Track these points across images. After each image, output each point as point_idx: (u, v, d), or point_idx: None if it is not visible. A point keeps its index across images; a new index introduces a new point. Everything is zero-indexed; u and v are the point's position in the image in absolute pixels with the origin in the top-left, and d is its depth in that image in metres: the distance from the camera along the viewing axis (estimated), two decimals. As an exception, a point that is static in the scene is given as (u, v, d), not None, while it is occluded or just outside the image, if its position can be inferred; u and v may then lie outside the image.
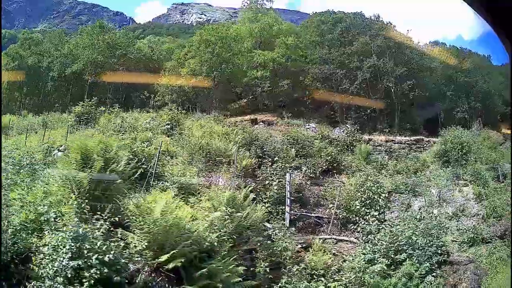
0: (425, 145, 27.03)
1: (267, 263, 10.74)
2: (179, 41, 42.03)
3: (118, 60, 34.42)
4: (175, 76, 33.76)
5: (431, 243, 12.95)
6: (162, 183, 12.37)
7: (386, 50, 32.96)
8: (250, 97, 35.70)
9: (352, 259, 12.32)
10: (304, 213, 15.36)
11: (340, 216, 15.68)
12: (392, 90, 33.49)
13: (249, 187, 13.74)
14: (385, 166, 23.35)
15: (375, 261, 11.82)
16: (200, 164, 15.99)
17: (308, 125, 27.13)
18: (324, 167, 20.12)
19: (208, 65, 32.36)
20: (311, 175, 18.79)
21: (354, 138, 24.22)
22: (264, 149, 18.58)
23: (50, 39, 37.98)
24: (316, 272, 11.44)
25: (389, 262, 11.78)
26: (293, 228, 13.56)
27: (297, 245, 13.05)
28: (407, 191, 20.89)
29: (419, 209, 17.96)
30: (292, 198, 15.22)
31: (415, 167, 23.96)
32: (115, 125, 19.65)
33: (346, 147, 23.28)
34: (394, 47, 33.38)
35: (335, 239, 14.54)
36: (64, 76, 34.68)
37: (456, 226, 19.47)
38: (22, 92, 35.27)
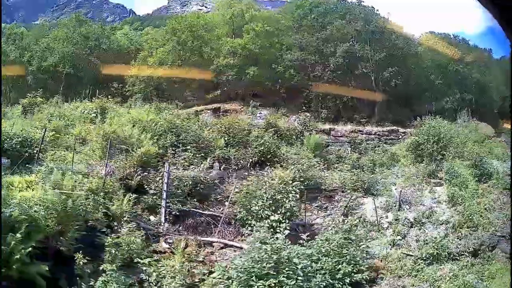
0: (400, 137, 21.73)
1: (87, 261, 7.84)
2: (161, 31, 38.29)
3: (91, 52, 31.54)
4: (145, 66, 30.44)
5: (338, 267, 8.15)
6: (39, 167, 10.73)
7: (366, 34, 27.47)
8: (225, 88, 31.28)
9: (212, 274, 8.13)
10: (194, 210, 11.48)
11: (238, 216, 11.49)
12: (372, 78, 28.15)
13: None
14: (342, 159, 18.39)
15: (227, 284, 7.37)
16: (100, 152, 13.07)
17: (260, 112, 22.57)
18: (255, 159, 15.75)
19: (173, 54, 28.86)
20: (233, 166, 14.77)
21: (304, 127, 19.30)
22: (180, 138, 14.78)
23: (33, 33, 36.11)
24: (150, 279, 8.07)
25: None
26: (167, 225, 10.52)
27: (167, 243, 9.90)
28: (358, 190, 15.90)
29: (346, 215, 12.99)
30: (179, 191, 11.70)
31: (382, 161, 18.83)
32: (47, 115, 17.61)
33: (295, 137, 18.54)
34: (375, 31, 27.86)
35: (223, 243, 10.60)
36: (43, 69, 32.45)
37: (416, 236, 14.38)
38: (9, 85, 33.13)
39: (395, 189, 15.77)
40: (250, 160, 15.72)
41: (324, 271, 8.09)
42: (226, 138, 16.63)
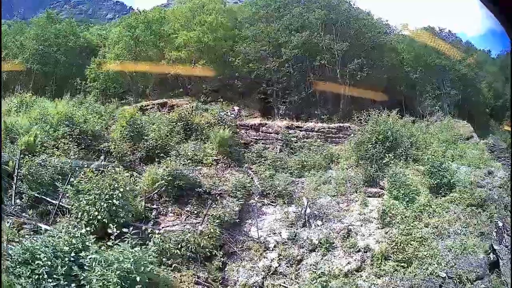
0: (351, 135, 16.60)
1: None
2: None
3: (59, 49, 29.06)
4: (105, 62, 27.54)
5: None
6: None
7: (329, 23, 22.38)
8: (189, 85, 27.40)
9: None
10: (43, 197, 10.17)
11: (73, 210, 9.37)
12: (338, 70, 22.89)
13: None
14: (261, 159, 13.67)
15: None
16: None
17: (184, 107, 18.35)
18: (142, 153, 12.47)
19: (127, 49, 25.28)
20: (115, 160, 12.09)
21: (219, 122, 14.68)
22: (66, 129, 13.18)
23: (12, 31, 34.32)
24: None
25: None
26: (12, 207, 9.37)
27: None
28: (267, 196, 11.14)
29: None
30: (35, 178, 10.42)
31: (314, 162, 13.88)
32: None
33: (207, 132, 14.07)
34: (339, 19, 22.04)
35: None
36: (18, 66, 30.33)
37: (313, 265, 9.22)
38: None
39: (305, 198, 10.84)
40: (139, 154, 12.43)
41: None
42: (122, 132, 13.26)
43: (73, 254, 6.60)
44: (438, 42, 25.52)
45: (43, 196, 10.23)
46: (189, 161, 12.01)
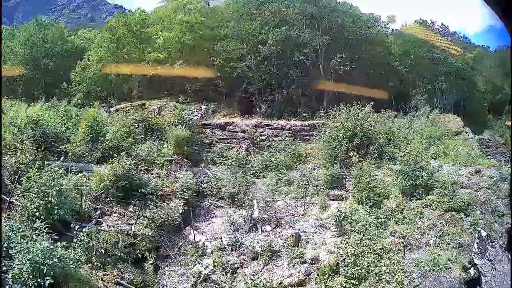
0: (327, 132, 14.99)
1: None
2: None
3: (46, 54, 28.91)
4: (89, 65, 27.21)
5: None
6: None
7: (307, 18, 20.68)
8: (172, 86, 26.48)
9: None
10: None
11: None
12: (321, 66, 21.14)
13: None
14: (224, 159, 12.42)
15: None
16: None
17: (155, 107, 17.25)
18: (98, 154, 12.13)
19: (109, 52, 24.97)
20: (71, 160, 11.90)
21: (180, 121, 13.52)
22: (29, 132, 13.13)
23: (5, 36, 34.51)
24: None
25: None
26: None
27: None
28: (217, 197, 9.88)
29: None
30: None
31: (278, 162, 12.46)
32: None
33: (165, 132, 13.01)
34: (321, 14, 20.56)
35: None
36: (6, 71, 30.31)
37: (251, 275, 7.58)
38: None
39: (255, 201, 9.48)
40: (96, 155, 12.01)
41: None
42: (83, 133, 12.75)
43: (5, 244, 6.95)
44: (430, 35, 23.58)
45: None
46: (140, 161, 11.05)
